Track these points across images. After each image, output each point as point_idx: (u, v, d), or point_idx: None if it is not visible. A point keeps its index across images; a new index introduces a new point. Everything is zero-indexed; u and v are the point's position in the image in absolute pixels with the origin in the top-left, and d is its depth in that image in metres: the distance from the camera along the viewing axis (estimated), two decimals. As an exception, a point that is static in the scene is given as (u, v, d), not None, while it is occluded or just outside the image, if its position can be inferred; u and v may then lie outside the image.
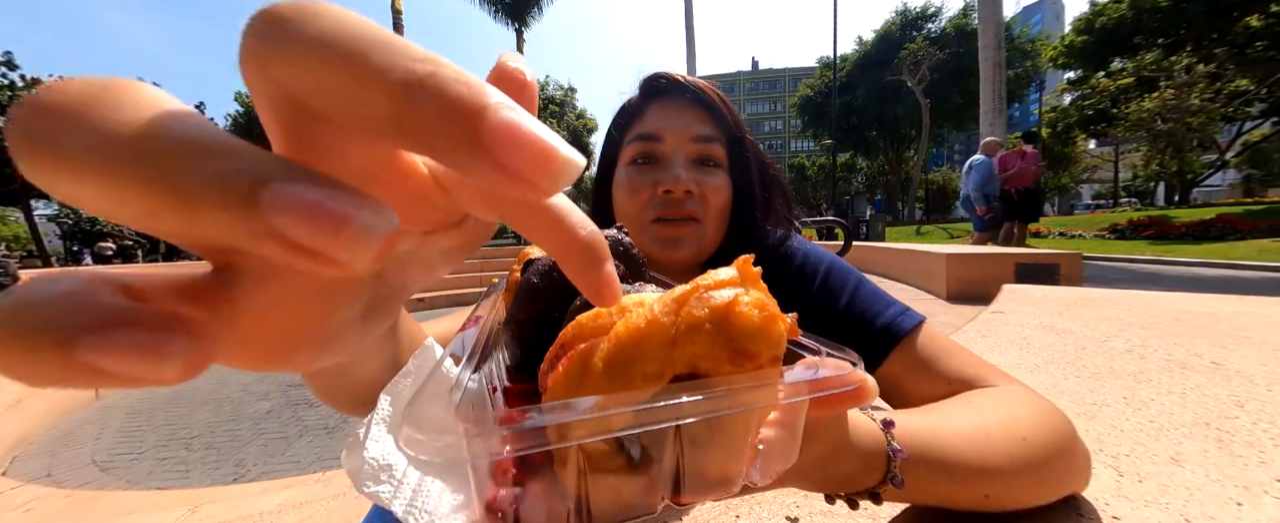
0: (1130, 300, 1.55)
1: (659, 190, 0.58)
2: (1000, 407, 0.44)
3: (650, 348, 0.17)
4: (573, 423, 0.15)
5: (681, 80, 0.60)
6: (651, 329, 0.17)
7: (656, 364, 0.17)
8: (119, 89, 0.09)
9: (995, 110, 9.34)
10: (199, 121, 0.10)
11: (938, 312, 3.55)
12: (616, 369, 0.17)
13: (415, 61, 0.10)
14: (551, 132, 0.11)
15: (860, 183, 38.30)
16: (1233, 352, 0.95)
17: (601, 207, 0.66)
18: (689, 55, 14.76)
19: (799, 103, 32.26)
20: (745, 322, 0.17)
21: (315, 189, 0.09)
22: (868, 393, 0.20)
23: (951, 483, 0.37)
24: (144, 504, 1.93)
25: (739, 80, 79.71)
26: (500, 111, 0.10)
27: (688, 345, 0.17)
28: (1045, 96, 28.24)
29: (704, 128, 0.59)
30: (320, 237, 0.09)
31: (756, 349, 0.17)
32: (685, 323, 0.17)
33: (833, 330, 0.57)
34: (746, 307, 0.17)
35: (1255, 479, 0.50)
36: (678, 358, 0.17)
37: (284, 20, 0.10)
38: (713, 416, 0.16)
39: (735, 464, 0.20)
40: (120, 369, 0.09)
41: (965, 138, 47.89)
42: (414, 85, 0.10)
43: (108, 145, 0.09)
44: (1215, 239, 8.20)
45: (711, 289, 0.18)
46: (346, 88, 0.10)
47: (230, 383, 4.66)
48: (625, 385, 0.17)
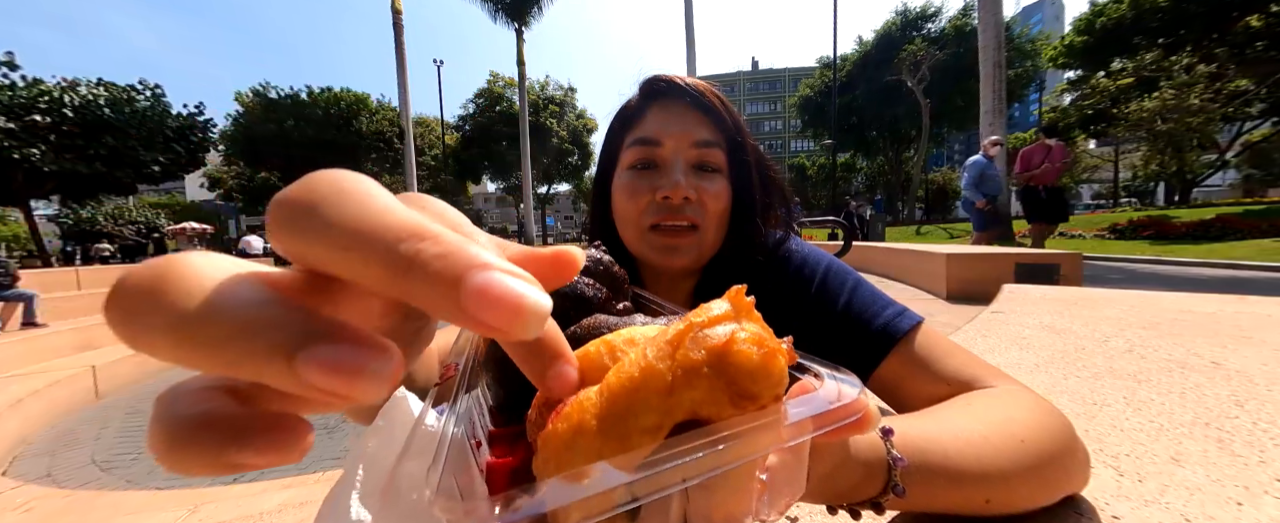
0: (1130, 300, 1.55)
1: (658, 196, 0.57)
2: (998, 409, 0.44)
3: (647, 398, 0.16)
4: (575, 504, 0.14)
5: (681, 83, 0.60)
6: (646, 378, 0.16)
7: (655, 416, 0.16)
8: (174, 276, 0.11)
9: (995, 110, 9.34)
10: (245, 293, 0.12)
11: (938, 312, 3.55)
12: (612, 425, 0.16)
13: (402, 244, 0.12)
14: (526, 282, 0.12)
15: (860, 183, 38.29)
16: (1233, 352, 0.95)
17: (600, 207, 0.66)
18: (689, 55, 14.74)
19: (799, 103, 32.25)
20: (744, 361, 0.16)
21: (334, 349, 0.11)
22: (870, 423, 0.19)
23: (952, 489, 0.37)
24: (144, 504, 1.92)
25: (739, 80, 79.67)
26: (474, 279, 0.12)
27: (686, 392, 0.16)
28: (1045, 96, 28.23)
29: (704, 132, 0.59)
30: (341, 386, 0.11)
31: (758, 390, 0.16)
32: (681, 368, 0.16)
33: (831, 332, 0.57)
34: (744, 345, 0.16)
35: (1255, 479, 0.50)
36: (676, 407, 0.16)
37: (291, 215, 0.12)
38: (721, 471, 0.15)
39: (742, 505, 0.19)
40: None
41: (965, 138, 47.88)
42: (402, 267, 0.12)
43: (174, 330, 0.11)
44: (1215, 239, 8.19)
45: (706, 327, 0.17)
46: (350, 268, 0.12)
47: (230, 383, 4.66)
48: (622, 443, 0.16)
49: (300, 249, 0.13)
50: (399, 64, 15.41)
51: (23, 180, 12.69)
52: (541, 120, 29.44)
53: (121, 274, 0.12)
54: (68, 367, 4.35)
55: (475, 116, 31.03)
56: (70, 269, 6.99)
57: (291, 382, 0.11)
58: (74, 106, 13.42)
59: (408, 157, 16.18)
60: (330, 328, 0.12)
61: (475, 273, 0.12)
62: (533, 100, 28.88)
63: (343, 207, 0.12)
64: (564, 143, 31.32)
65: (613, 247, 0.64)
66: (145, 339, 0.11)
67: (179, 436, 0.12)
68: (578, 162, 32.72)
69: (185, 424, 0.12)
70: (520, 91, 18.81)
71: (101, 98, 14.06)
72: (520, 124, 18.72)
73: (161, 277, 0.11)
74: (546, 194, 36.03)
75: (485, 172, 33.21)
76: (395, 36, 15.45)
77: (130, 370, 4.85)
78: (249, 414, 0.12)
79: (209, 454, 0.11)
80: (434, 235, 0.12)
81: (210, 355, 0.11)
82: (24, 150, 12.25)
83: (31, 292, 5.30)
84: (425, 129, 31.76)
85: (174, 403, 0.12)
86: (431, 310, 0.12)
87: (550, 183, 34.28)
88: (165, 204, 23.91)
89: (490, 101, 30.70)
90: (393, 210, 0.12)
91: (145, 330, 0.11)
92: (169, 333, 0.11)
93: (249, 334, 0.11)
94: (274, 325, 0.11)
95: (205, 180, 28.56)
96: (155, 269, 0.12)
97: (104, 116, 13.80)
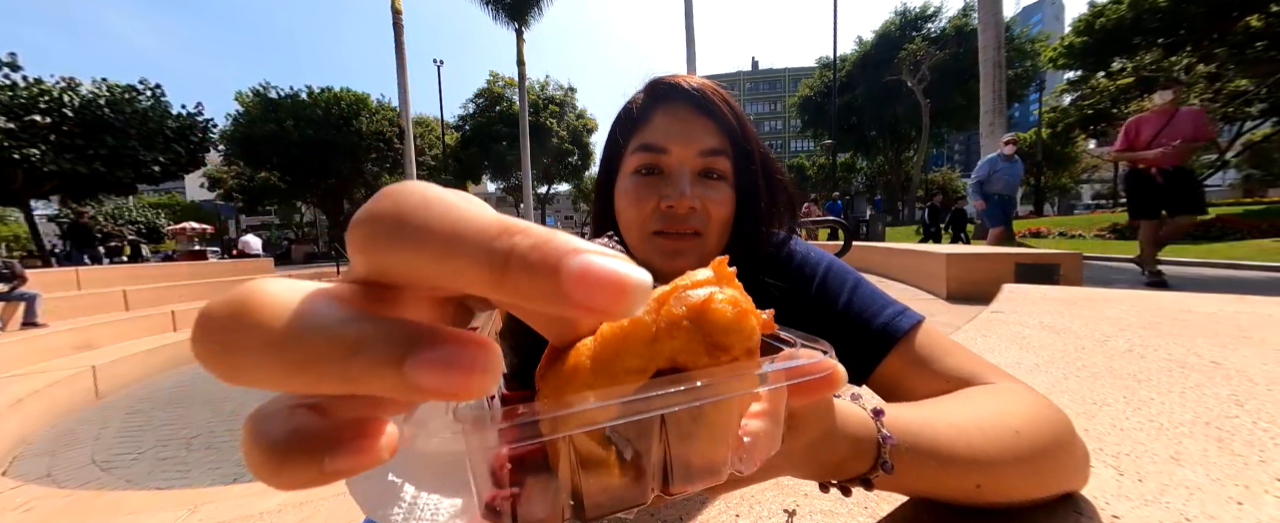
0: (1130, 300, 1.55)
1: (663, 205, 0.58)
2: (994, 401, 0.44)
3: (633, 345, 0.18)
4: (564, 417, 0.16)
5: (687, 87, 0.59)
6: (634, 327, 0.19)
7: (639, 360, 0.18)
8: (259, 303, 0.12)
9: (995, 110, 9.34)
10: (332, 311, 0.12)
11: (938, 312, 3.55)
12: (602, 366, 0.18)
13: (496, 241, 0.12)
14: (621, 261, 0.13)
15: (860, 183, 38.28)
16: (1233, 352, 0.95)
17: (603, 207, 0.66)
18: (689, 55, 14.73)
19: (799, 103, 32.26)
20: (719, 317, 0.18)
21: (441, 351, 0.12)
22: (837, 380, 0.22)
23: (941, 471, 0.38)
24: (144, 504, 1.93)
25: (739, 80, 79.71)
26: (573, 263, 0.12)
27: (667, 341, 0.18)
28: (1045, 97, 28.21)
29: (710, 140, 0.59)
30: (455, 385, 0.12)
31: (730, 342, 0.18)
32: (665, 321, 0.19)
33: (832, 331, 0.57)
34: (721, 303, 0.19)
35: (1255, 478, 0.50)
36: (659, 353, 0.18)
37: (381, 230, 0.12)
38: (693, 405, 0.17)
39: (720, 452, 0.21)
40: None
41: (965, 138, 47.84)
42: (500, 263, 0.12)
43: (276, 355, 0.11)
44: (1215, 239, 8.19)
45: (689, 289, 0.19)
46: (450, 273, 0.12)
47: (230, 383, 4.65)
48: (611, 381, 0.18)
49: (392, 262, 0.13)
50: (399, 64, 15.40)
51: (23, 180, 12.69)
52: (541, 120, 29.43)
53: (203, 310, 0.12)
54: (68, 367, 4.35)
55: (475, 116, 31.02)
56: (70, 269, 6.99)
57: (402, 388, 0.12)
58: (74, 107, 13.42)
59: (408, 157, 16.17)
60: (427, 332, 0.12)
61: (572, 258, 0.12)
62: (533, 100, 28.87)
63: (431, 214, 0.12)
64: (564, 143, 31.31)
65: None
66: (247, 369, 0.12)
67: (280, 455, 0.12)
68: (578, 162, 32.72)
69: (282, 445, 0.12)
70: (520, 91, 18.79)
71: (102, 97, 14.06)
72: (520, 124, 18.71)
73: (247, 305, 0.12)
74: (546, 194, 36.02)
75: (485, 172, 33.18)
76: (395, 36, 15.44)
77: (130, 370, 4.86)
78: (334, 425, 0.13)
79: (311, 468, 0.12)
80: (521, 229, 0.12)
81: (315, 374, 0.12)
82: (24, 150, 12.25)
83: (34, 292, 5.31)
84: (425, 129, 31.69)
85: (265, 427, 0.13)
86: (534, 300, 0.12)
87: (550, 183, 34.29)
88: (165, 204, 23.89)
89: (490, 101, 30.69)
90: (479, 212, 0.13)
91: (245, 359, 0.12)
92: (271, 358, 0.11)
93: (352, 349, 0.12)
94: (375, 338, 0.12)
95: (205, 180, 28.52)
96: (238, 300, 0.12)
97: (104, 116, 13.80)
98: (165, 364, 5.27)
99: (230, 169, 26.55)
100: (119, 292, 6.56)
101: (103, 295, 6.43)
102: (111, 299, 6.46)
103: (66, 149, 13.16)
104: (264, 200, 27.86)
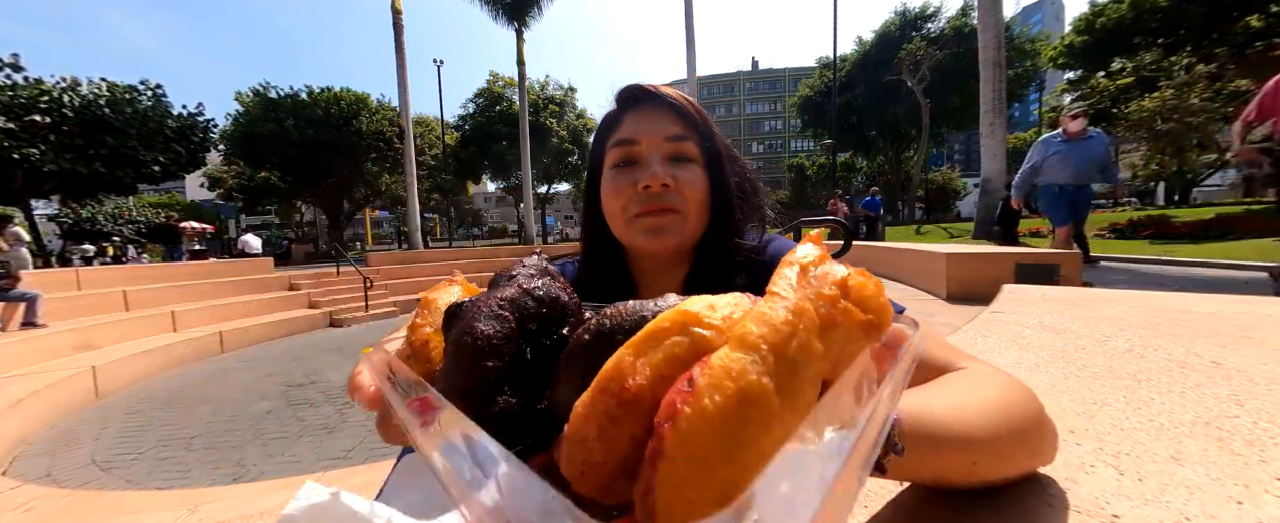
0: (1130, 300, 1.55)
1: (639, 188, 0.62)
2: (975, 382, 0.47)
3: (808, 343, 0.16)
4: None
5: (652, 89, 0.66)
6: (799, 315, 0.16)
7: (818, 363, 0.15)
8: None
9: (995, 110, 9.33)
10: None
11: (938, 312, 3.55)
12: (785, 381, 0.15)
13: None
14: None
15: (860, 183, 38.25)
16: (1233, 352, 0.95)
17: (592, 209, 0.72)
18: (689, 55, 14.73)
19: (799, 103, 32.22)
20: (862, 290, 0.17)
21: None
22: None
23: (947, 451, 0.40)
24: (144, 504, 1.93)
25: (739, 80, 79.61)
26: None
27: (833, 331, 0.16)
28: (1045, 97, 28.18)
29: (676, 129, 0.64)
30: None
31: (881, 320, 0.17)
32: (823, 301, 0.16)
33: None
34: (856, 277, 0.17)
35: (1255, 478, 0.50)
36: (829, 351, 0.16)
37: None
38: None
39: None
40: None
41: (965, 138, 47.79)
42: None
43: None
44: (1215, 239, 8.18)
45: (814, 266, 0.18)
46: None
47: (230, 383, 4.65)
48: (796, 400, 0.15)
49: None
50: (399, 64, 15.41)
51: (23, 180, 12.68)
52: (541, 120, 29.39)
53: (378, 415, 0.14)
54: (68, 367, 4.34)
55: (475, 116, 30.98)
56: (70, 269, 6.99)
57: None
58: (74, 107, 13.42)
59: (408, 156, 16.18)
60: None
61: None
62: (533, 100, 28.83)
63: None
64: (564, 143, 31.28)
65: (605, 244, 0.70)
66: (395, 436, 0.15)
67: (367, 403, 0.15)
68: (578, 161, 32.65)
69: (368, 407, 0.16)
70: (520, 91, 18.80)
71: (102, 97, 14.05)
72: (520, 124, 18.72)
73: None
74: (546, 194, 35.97)
75: (485, 171, 33.19)
76: (395, 36, 15.44)
77: (130, 371, 4.86)
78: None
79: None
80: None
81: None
82: (24, 150, 12.24)
83: (35, 292, 5.30)
84: (425, 129, 31.67)
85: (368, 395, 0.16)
86: None
87: (550, 183, 34.24)
88: (165, 204, 23.81)
89: (490, 101, 30.65)
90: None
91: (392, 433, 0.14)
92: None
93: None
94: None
95: (205, 180, 28.51)
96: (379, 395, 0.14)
97: (104, 117, 13.80)
98: (165, 364, 5.27)
99: (230, 169, 26.54)
100: (119, 292, 6.55)
101: (103, 295, 6.43)
102: (111, 299, 6.45)
103: (66, 149, 13.16)
104: (264, 200, 27.84)
